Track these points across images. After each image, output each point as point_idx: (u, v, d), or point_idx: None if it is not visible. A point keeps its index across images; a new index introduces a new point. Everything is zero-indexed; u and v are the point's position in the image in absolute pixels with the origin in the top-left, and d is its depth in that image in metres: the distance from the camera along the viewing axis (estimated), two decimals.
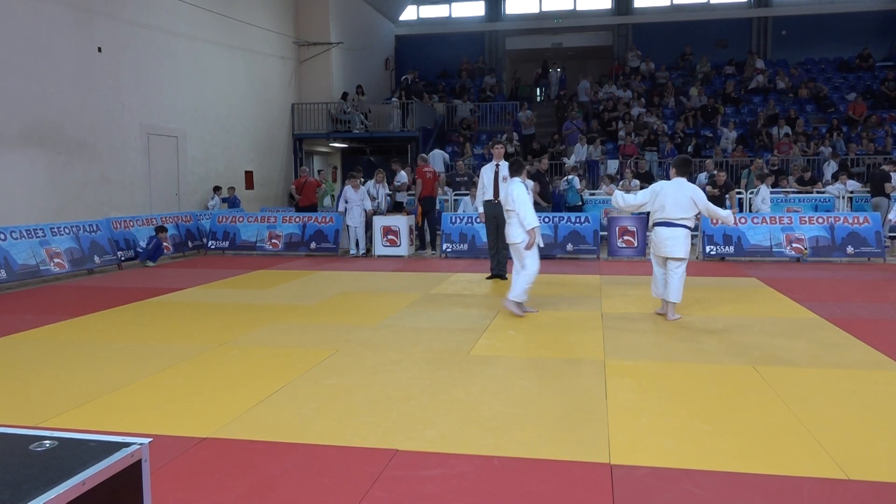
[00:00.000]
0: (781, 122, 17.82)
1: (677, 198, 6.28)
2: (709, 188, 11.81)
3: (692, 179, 14.77)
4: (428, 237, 12.70)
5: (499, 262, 8.97)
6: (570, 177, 14.15)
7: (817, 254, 10.73)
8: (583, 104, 20.19)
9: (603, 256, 11.37)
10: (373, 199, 12.42)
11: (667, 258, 6.36)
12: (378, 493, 2.93)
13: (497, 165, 8.68)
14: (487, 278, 9.02)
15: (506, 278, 8.90)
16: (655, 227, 6.43)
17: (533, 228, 6.47)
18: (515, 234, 6.65)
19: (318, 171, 16.58)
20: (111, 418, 3.87)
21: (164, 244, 11.54)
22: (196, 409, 4.02)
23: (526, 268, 6.62)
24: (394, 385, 4.43)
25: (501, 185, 8.56)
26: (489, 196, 8.69)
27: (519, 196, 6.52)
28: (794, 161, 16.00)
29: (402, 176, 13.70)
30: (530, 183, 10.71)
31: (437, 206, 13.77)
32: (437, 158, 17.17)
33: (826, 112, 18.87)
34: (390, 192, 13.09)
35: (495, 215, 8.66)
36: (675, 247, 6.28)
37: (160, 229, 11.54)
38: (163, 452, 3.33)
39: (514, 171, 6.96)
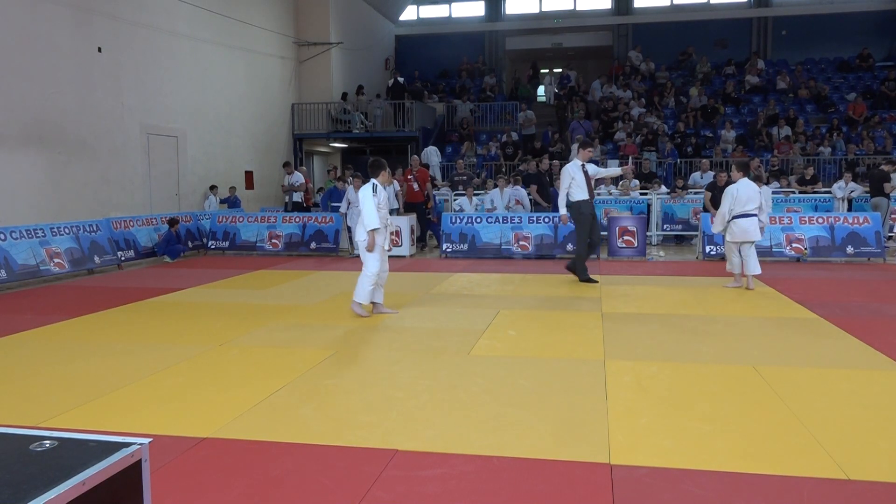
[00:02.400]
0: (781, 123, 17.82)
1: (748, 193, 7.95)
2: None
3: (688, 178, 14.88)
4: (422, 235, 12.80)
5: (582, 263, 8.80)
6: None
7: (817, 254, 10.73)
8: (589, 103, 20.16)
9: (603, 256, 11.37)
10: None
11: (743, 242, 8.02)
12: (378, 493, 2.93)
13: (584, 165, 8.60)
14: (582, 281, 8.73)
15: (596, 281, 8.70)
16: (735, 220, 7.98)
17: (372, 230, 6.53)
18: (360, 233, 6.68)
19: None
20: (111, 418, 3.87)
21: (180, 244, 11.80)
22: (196, 409, 4.02)
23: (364, 269, 6.68)
24: (394, 385, 4.43)
25: (592, 184, 8.61)
26: (584, 195, 8.55)
27: (364, 197, 6.59)
28: (794, 161, 16.00)
29: (298, 177, 14.29)
30: (508, 192, 10.84)
31: (436, 207, 13.83)
32: (430, 154, 17.31)
33: (826, 112, 18.87)
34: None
35: (592, 214, 8.64)
36: (754, 232, 7.97)
37: (172, 222, 11.69)
38: (163, 452, 3.33)
39: (372, 172, 6.81)
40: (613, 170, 9.08)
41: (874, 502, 2.83)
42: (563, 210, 8.75)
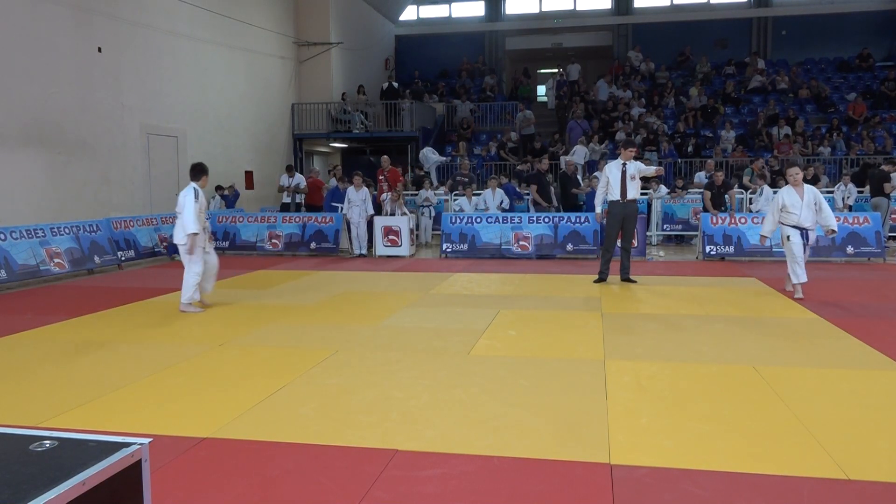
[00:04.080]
0: (781, 123, 17.82)
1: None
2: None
3: (688, 177, 14.86)
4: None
5: (623, 265, 8.72)
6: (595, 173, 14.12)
7: (817, 254, 10.71)
8: (594, 103, 20.12)
9: None
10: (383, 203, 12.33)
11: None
12: (378, 493, 2.93)
13: (624, 164, 8.44)
14: (595, 281, 8.71)
15: (635, 281, 8.66)
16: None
17: (190, 234, 6.83)
18: (179, 237, 7.01)
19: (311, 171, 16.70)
20: (111, 418, 3.87)
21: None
22: (196, 409, 4.02)
23: (188, 270, 6.98)
24: (394, 385, 4.43)
25: (629, 184, 8.44)
26: (615, 196, 8.47)
27: (185, 201, 6.85)
28: (794, 161, 15.96)
29: (300, 178, 14.53)
30: (500, 193, 10.97)
31: (434, 207, 13.90)
32: (427, 155, 17.37)
33: (826, 112, 18.87)
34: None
35: (624, 216, 8.49)
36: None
37: None
38: (163, 452, 3.33)
39: (193, 177, 7.11)
40: (650, 169, 8.93)
41: (874, 502, 2.83)
42: (598, 208, 8.72)
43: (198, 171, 7.13)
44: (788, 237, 7.44)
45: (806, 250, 7.52)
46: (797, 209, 7.35)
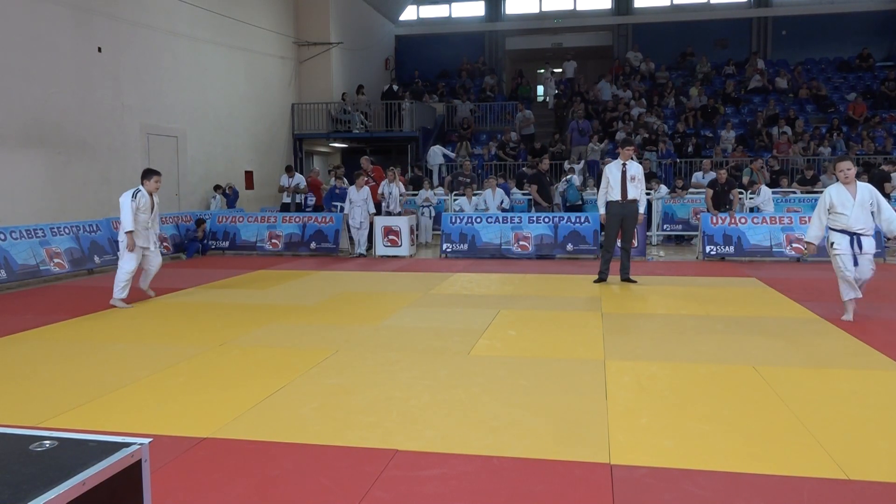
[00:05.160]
0: (781, 123, 17.82)
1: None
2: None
3: (688, 177, 14.88)
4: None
5: (623, 265, 8.70)
6: (569, 176, 14.16)
7: (817, 254, 10.70)
8: (597, 102, 20.11)
9: None
10: (382, 197, 12.27)
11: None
12: (378, 493, 2.93)
13: (624, 164, 8.44)
14: (595, 282, 8.69)
15: (635, 281, 8.65)
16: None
17: (128, 232, 7.24)
18: (121, 234, 7.43)
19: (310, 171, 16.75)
20: (111, 418, 3.87)
21: (200, 241, 12.45)
22: (196, 409, 4.02)
23: (120, 267, 7.36)
24: (394, 385, 4.43)
25: (629, 185, 8.42)
26: (615, 196, 8.46)
27: (122, 201, 7.28)
28: (794, 161, 16.00)
29: (300, 178, 14.65)
30: (500, 193, 10.82)
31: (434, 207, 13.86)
32: (436, 154, 17.38)
33: (826, 112, 18.87)
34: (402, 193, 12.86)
35: (623, 216, 8.48)
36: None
37: (199, 222, 12.32)
38: (163, 452, 3.33)
39: (142, 179, 7.47)
40: (641, 182, 8.84)
41: (874, 502, 2.82)
42: (601, 209, 8.69)
43: (142, 175, 7.50)
44: (833, 244, 6.42)
45: (862, 262, 6.47)
46: (847, 209, 6.34)
